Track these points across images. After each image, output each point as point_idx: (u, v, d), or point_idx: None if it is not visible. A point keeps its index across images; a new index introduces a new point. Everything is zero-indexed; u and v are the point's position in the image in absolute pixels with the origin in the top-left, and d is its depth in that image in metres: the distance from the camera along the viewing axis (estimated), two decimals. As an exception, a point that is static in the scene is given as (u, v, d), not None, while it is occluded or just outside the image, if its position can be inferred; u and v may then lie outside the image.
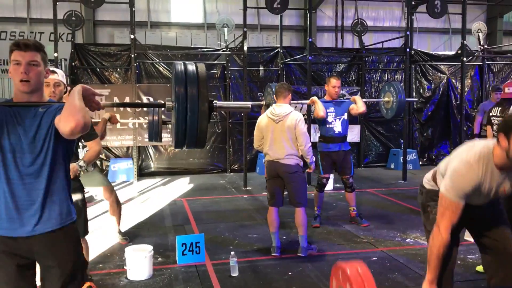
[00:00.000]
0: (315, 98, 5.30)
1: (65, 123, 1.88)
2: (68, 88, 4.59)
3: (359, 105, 5.31)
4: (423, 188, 2.85)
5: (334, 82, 5.26)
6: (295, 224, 4.47)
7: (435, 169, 2.75)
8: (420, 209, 2.90)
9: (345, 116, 5.35)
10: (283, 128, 4.35)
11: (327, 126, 5.31)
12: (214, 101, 2.02)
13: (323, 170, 5.38)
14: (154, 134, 4.76)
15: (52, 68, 3.28)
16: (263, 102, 5.58)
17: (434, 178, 2.72)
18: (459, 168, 2.36)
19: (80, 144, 3.93)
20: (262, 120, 4.53)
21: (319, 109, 5.18)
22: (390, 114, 6.17)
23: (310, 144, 4.44)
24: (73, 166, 3.70)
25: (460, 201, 2.38)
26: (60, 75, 3.26)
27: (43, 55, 2.10)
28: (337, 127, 5.31)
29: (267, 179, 4.59)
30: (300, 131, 4.33)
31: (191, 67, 2.01)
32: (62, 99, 3.29)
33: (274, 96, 4.60)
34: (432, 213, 2.64)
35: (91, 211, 5.38)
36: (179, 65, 2.02)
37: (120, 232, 4.92)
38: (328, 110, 5.25)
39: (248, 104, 2.27)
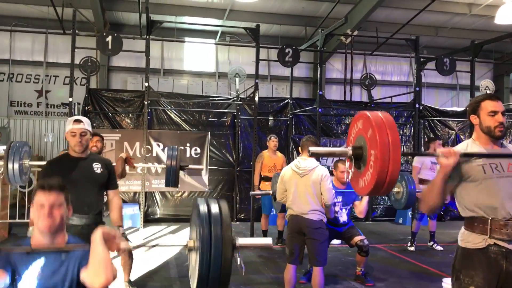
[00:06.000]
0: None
1: (94, 280, 1.84)
2: (95, 138, 4.67)
3: (360, 207, 4.98)
4: (457, 248, 2.57)
5: (342, 167, 5.04)
6: (312, 284, 4.26)
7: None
8: (451, 272, 2.59)
9: (351, 205, 5.16)
10: (308, 182, 4.23)
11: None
12: (236, 239, 1.91)
13: None
14: (172, 179, 4.77)
15: (77, 117, 3.34)
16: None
17: (466, 224, 2.51)
18: None
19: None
20: (286, 173, 4.41)
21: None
22: (402, 205, 5.62)
23: (335, 199, 4.32)
24: (119, 236, 3.72)
25: None
26: (86, 124, 3.32)
27: (67, 194, 2.10)
28: (343, 217, 5.11)
29: (288, 234, 4.40)
30: (325, 186, 4.22)
31: (215, 206, 1.92)
32: (88, 148, 3.35)
33: (300, 148, 4.54)
34: (464, 282, 2.42)
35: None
36: (202, 205, 1.92)
37: (129, 282, 4.78)
38: (335, 200, 4.93)
39: (269, 240, 2.13)
